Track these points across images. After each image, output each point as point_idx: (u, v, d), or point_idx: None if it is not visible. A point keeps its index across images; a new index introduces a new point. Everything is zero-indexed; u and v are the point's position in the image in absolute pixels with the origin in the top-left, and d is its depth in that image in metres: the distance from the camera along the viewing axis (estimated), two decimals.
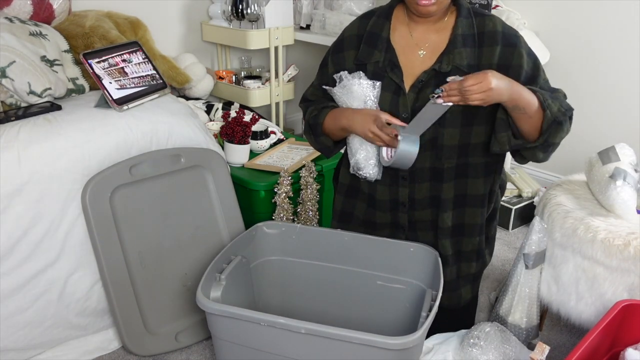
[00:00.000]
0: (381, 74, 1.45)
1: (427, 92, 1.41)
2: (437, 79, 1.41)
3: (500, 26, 1.42)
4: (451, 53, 1.40)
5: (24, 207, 1.50)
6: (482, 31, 1.42)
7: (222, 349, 1.43)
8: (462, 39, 1.41)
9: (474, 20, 1.42)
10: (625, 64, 2.31)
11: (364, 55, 1.47)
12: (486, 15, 1.43)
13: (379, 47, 1.46)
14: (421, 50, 1.45)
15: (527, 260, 1.60)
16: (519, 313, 1.65)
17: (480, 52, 1.41)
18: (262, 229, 1.67)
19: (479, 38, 1.42)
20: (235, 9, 2.58)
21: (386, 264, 1.60)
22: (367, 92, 1.44)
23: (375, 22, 1.48)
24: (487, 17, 1.43)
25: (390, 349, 1.23)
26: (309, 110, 1.58)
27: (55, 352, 1.63)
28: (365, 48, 1.47)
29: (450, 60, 1.40)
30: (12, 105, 1.69)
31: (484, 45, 1.41)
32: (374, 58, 1.45)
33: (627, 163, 1.60)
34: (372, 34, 1.47)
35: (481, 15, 1.43)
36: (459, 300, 1.63)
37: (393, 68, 1.44)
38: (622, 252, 1.44)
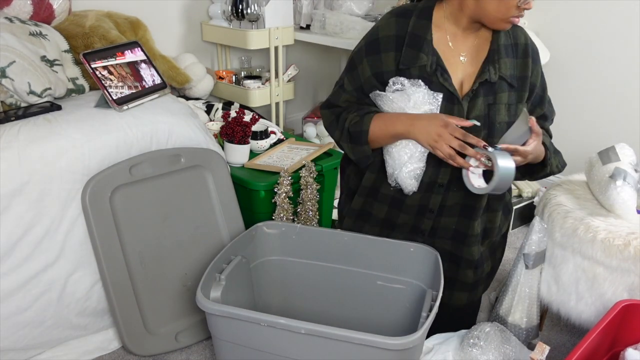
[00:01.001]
0: (428, 79, 1.38)
1: (479, 100, 1.39)
2: (484, 88, 1.40)
3: (528, 39, 1.46)
4: (497, 62, 1.40)
5: (24, 207, 1.50)
6: (516, 42, 1.44)
7: (222, 349, 1.43)
8: (504, 49, 1.41)
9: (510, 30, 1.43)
10: (625, 64, 2.31)
11: (408, 58, 1.38)
12: (516, 26, 1.43)
13: (425, 49, 1.38)
14: (462, 55, 1.41)
15: (527, 260, 1.60)
16: (519, 313, 1.65)
17: (518, 63, 1.44)
18: (262, 229, 1.67)
19: (515, 49, 1.44)
20: (235, 9, 2.58)
21: (386, 264, 1.60)
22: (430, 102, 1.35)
23: (416, 22, 1.40)
24: (517, 27, 1.45)
25: (391, 349, 1.23)
26: (347, 118, 1.44)
27: (55, 352, 1.63)
28: (409, 51, 1.38)
29: (496, 70, 1.40)
30: (12, 105, 1.69)
31: (518, 57, 1.44)
32: (420, 61, 1.37)
33: (627, 163, 1.60)
34: (416, 36, 1.39)
35: (513, 25, 1.41)
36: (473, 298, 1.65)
37: (443, 73, 1.38)
38: (622, 252, 1.44)
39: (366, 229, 1.61)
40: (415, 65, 1.38)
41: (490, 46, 1.42)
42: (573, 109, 2.51)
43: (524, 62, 1.44)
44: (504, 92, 1.42)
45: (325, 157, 2.13)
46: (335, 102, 1.51)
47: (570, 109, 2.52)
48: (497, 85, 1.40)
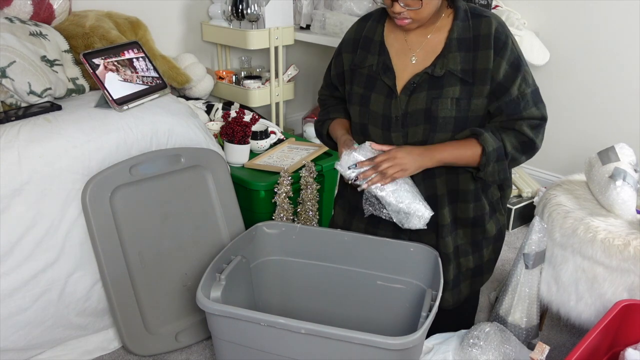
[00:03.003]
0: (375, 77, 1.48)
1: (420, 94, 1.42)
2: (431, 82, 1.42)
3: (493, 28, 1.40)
4: (445, 57, 1.41)
5: (24, 207, 1.50)
6: (477, 34, 1.41)
7: (222, 349, 1.43)
8: (457, 42, 1.40)
9: (471, 22, 1.42)
10: (625, 64, 2.31)
11: (359, 59, 1.52)
12: (483, 17, 1.42)
13: (372, 51, 1.49)
14: (413, 55, 1.46)
15: (527, 260, 1.60)
16: (519, 313, 1.65)
17: (476, 56, 1.40)
18: (262, 229, 1.67)
19: (474, 41, 1.41)
20: (235, 9, 2.58)
21: (386, 264, 1.60)
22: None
23: (370, 26, 1.52)
24: (483, 18, 1.42)
25: (391, 349, 1.23)
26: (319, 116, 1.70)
27: (55, 352, 1.64)
28: (360, 52, 1.52)
29: (444, 65, 1.40)
30: (12, 105, 1.69)
31: (479, 49, 1.40)
32: (368, 62, 1.49)
33: (627, 163, 1.60)
34: (367, 38, 1.52)
35: (478, 17, 1.42)
36: (459, 297, 1.63)
37: (386, 71, 1.46)
38: (622, 252, 1.44)
39: (354, 225, 1.64)
40: (364, 65, 1.50)
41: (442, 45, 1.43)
42: (573, 109, 2.51)
43: (485, 53, 1.39)
44: (452, 87, 1.41)
45: (325, 157, 2.13)
46: (319, 94, 1.75)
47: (570, 109, 2.52)
48: (445, 79, 1.40)
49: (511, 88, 1.40)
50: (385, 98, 1.46)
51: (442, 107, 1.41)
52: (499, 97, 1.42)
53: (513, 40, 1.43)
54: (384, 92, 1.47)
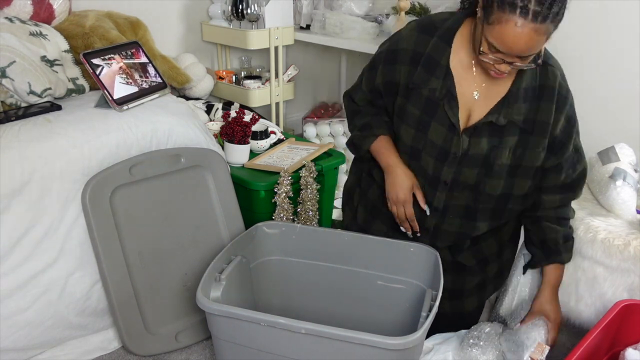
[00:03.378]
0: (436, 102, 1.38)
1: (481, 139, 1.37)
2: (492, 129, 1.37)
3: (557, 82, 1.35)
4: (510, 107, 1.34)
5: (24, 207, 1.50)
6: (543, 84, 1.34)
7: (222, 349, 1.43)
8: (523, 92, 1.34)
9: (538, 69, 1.34)
10: (625, 64, 2.31)
11: (420, 79, 1.39)
12: (549, 66, 1.35)
13: (437, 74, 1.37)
14: (476, 91, 1.37)
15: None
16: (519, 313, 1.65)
17: (539, 106, 1.34)
18: (262, 229, 1.67)
19: (540, 91, 1.34)
20: (235, 9, 2.58)
21: (386, 264, 1.60)
22: None
23: (435, 44, 1.37)
24: (549, 67, 1.35)
25: (391, 349, 1.23)
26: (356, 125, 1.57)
27: (55, 352, 1.63)
28: (421, 72, 1.38)
29: (508, 114, 1.34)
30: (12, 105, 1.69)
31: (542, 100, 1.34)
32: (431, 84, 1.37)
33: (627, 163, 1.60)
34: (431, 58, 1.37)
35: (544, 65, 1.34)
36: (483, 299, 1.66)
37: (450, 100, 1.37)
38: (622, 252, 1.44)
39: (376, 226, 1.62)
40: (426, 87, 1.38)
41: (510, 86, 1.35)
42: None
43: (547, 106, 1.34)
44: (512, 136, 1.37)
45: (325, 157, 2.13)
46: (354, 96, 1.59)
47: None
48: (506, 128, 1.36)
49: (568, 144, 1.39)
50: (446, 131, 1.38)
51: (500, 155, 1.38)
52: (557, 154, 1.39)
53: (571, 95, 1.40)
54: (445, 123, 1.38)
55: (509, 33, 1.17)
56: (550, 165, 1.42)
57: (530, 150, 1.37)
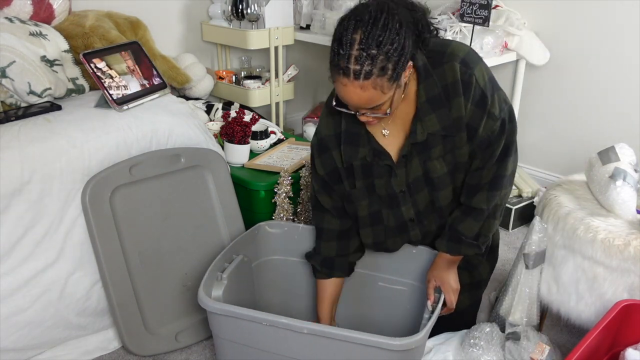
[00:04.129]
0: (370, 164, 1.43)
1: (413, 161, 1.40)
2: (417, 148, 1.39)
3: (458, 73, 1.32)
4: (422, 121, 1.35)
5: (24, 207, 1.50)
6: (445, 84, 1.33)
7: (223, 348, 1.43)
8: (428, 104, 1.34)
9: (434, 75, 1.33)
10: (625, 64, 2.31)
11: (348, 155, 1.43)
12: (444, 64, 1.33)
13: (361, 143, 1.42)
14: (384, 129, 1.41)
15: (527, 260, 1.60)
16: (519, 313, 1.65)
17: (450, 105, 1.34)
18: (265, 229, 1.67)
19: (444, 92, 1.34)
20: (235, 9, 2.58)
21: (388, 265, 1.60)
22: None
23: (347, 120, 1.41)
24: (445, 65, 1.33)
25: (393, 350, 1.23)
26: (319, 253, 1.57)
27: (55, 352, 1.63)
28: (347, 148, 1.43)
29: (424, 129, 1.36)
30: (12, 105, 1.69)
31: (452, 98, 1.34)
32: (360, 154, 1.42)
33: (627, 163, 1.60)
34: (350, 133, 1.42)
35: (440, 65, 1.33)
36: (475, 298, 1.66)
37: (380, 155, 1.42)
38: (622, 252, 1.44)
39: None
40: (357, 158, 1.43)
41: (415, 104, 1.37)
42: (573, 109, 2.51)
43: (457, 101, 1.33)
44: (437, 146, 1.39)
45: None
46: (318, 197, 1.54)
47: (570, 109, 2.52)
48: (428, 142, 1.38)
49: (479, 128, 1.36)
50: (387, 178, 1.43)
51: (434, 169, 1.41)
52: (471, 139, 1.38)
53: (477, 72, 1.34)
54: (383, 173, 1.43)
55: (340, 91, 1.23)
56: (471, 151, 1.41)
57: (457, 150, 1.39)
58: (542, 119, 2.60)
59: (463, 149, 1.39)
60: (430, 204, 1.47)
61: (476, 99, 1.34)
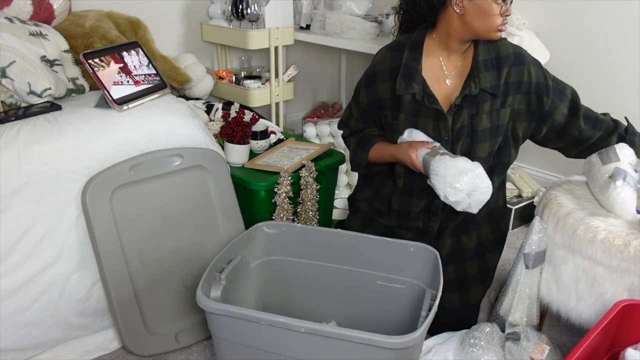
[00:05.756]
0: (419, 104, 1.58)
1: (462, 112, 1.57)
2: (468, 101, 1.57)
3: (511, 48, 1.60)
4: (477, 77, 1.56)
5: (24, 207, 1.50)
6: (497, 55, 1.59)
7: (222, 348, 1.43)
8: (483, 64, 1.57)
9: (490, 45, 1.59)
10: (625, 64, 2.31)
11: (402, 86, 1.58)
12: (497, 40, 1.59)
13: (416, 79, 1.57)
14: (447, 79, 1.61)
15: (527, 260, 1.60)
16: (519, 313, 1.65)
17: (499, 73, 1.58)
18: (262, 229, 1.67)
19: (496, 61, 1.58)
20: (235, 9, 2.58)
21: (386, 263, 1.60)
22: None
23: (409, 56, 1.59)
24: (499, 42, 1.60)
25: (390, 348, 1.23)
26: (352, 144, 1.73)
27: (55, 352, 1.64)
28: (402, 81, 1.58)
29: (476, 84, 1.56)
30: (12, 105, 1.69)
31: (501, 67, 1.58)
32: (412, 89, 1.57)
33: (627, 163, 1.60)
34: (409, 67, 1.58)
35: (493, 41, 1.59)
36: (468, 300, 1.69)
37: (429, 98, 1.57)
38: (622, 252, 1.44)
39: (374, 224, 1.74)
40: (408, 92, 1.58)
41: (471, 64, 1.59)
42: None
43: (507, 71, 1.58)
44: (486, 102, 1.58)
45: (325, 157, 2.13)
46: (348, 122, 1.77)
47: None
48: (479, 97, 1.57)
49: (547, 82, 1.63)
50: (433, 121, 1.58)
51: (480, 122, 1.57)
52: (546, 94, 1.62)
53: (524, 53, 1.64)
54: (431, 115, 1.58)
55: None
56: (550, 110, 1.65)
57: (501, 109, 1.59)
58: None
59: (504, 110, 1.59)
60: (466, 154, 1.57)
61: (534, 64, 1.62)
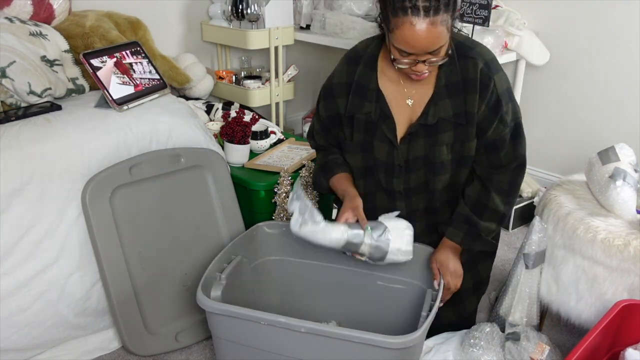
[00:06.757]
0: (374, 123, 1.46)
1: (418, 142, 1.45)
2: (426, 130, 1.43)
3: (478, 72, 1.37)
4: (437, 104, 1.40)
5: (24, 207, 1.50)
6: (465, 77, 1.38)
7: (222, 348, 1.43)
8: (445, 89, 1.39)
9: (457, 64, 1.38)
10: (625, 64, 2.31)
11: (354, 106, 1.47)
12: (469, 58, 1.38)
13: (369, 98, 1.45)
14: (409, 99, 1.44)
15: (527, 260, 1.60)
16: (519, 313, 1.65)
17: (466, 99, 1.39)
18: (263, 229, 1.67)
19: (463, 84, 1.38)
20: (235, 9, 2.58)
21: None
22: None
23: (362, 72, 1.45)
24: (470, 60, 1.38)
25: (391, 348, 1.23)
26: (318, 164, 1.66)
27: (55, 352, 1.64)
28: (353, 99, 1.46)
29: (436, 113, 1.40)
30: (12, 105, 1.69)
31: (468, 93, 1.39)
32: (365, 109, 1.45)
33: (627, 163, 1.60)
34: (360, 85, 1.45)
35: (465, 58, 1.38)
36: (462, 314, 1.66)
37: (385, 119, 1.45)
38: (622, 252, 1.44)
39: None
40: (361, 112, 1.46)
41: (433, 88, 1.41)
42: (573, 109, 2.51)
43: (472, 97, 1.38)
44: (446, 132, 1.42)
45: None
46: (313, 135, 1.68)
47: (570, 109, 2.52)
48: (439, 125, 1.41)
49: (488, 130, 1.42)
50: (387, 147, 1.47)
51: (439, 153, 1.44)
52: (479, 138, 1.44)
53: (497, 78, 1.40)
54: (385, 140, 1.47)
55: (408, 34, 1.23)
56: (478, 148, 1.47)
57: (467, 142, 1.44)
58: (542, 119, 2.60)
59: (472, 143, 1.44)
60: (424, 185, 1.51)
61: (491, 103, 1.39)
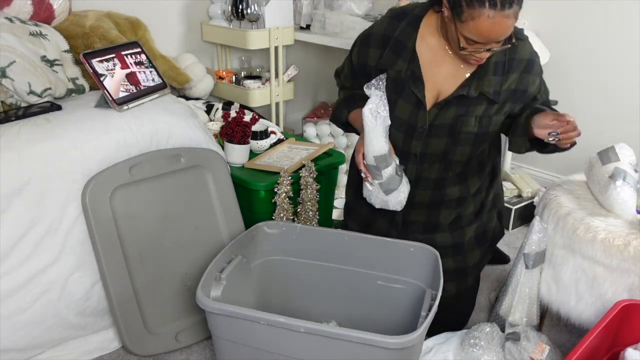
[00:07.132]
0: (402, 83, 1.47)
1: (450, 110, 1.44)
2: (460, 101, 1.44)
3: (528, 54, 1.45)
4: (481, 79, 1.43)
5: (24, 207, 1.50)
6: (512, 57, 1.43)
7: (222, 348, 1.43)
8: (493, 66, 1.43)
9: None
10: (625, 64, 2.31)
11: (387, 61, 1.48)
12: (519, 40, 1.42)
13: (403, 56, 1.46)
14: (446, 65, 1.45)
15: (527, 260, 1.60)
16: (519, 313, 1.65)
17: (506, 78, 1.44)
18: (263, 229, 1.67)
19: (508, 64, 1.43)
20: (235, 9, 2.58)
21: (386, 263, 1.60)
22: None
23: (403, 29, 1.47)
24: (519, 42, 1.43)
25: (390, 348, 1.23)
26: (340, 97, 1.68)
27: (55, 352, 1.64)
28: (389, 54, 1.48)
29: (478, 87, 1.43)
30: (12, 105, 1.69)
31: (510, 72, 1.44)
32: (397, 66, 1.46)
33: (627, 163, 1.60)
34: (398, 42, 1.47)
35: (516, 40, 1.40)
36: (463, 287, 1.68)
37: (415, 80, 1.45)
38: (622, 252, 1.44)
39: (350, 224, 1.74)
40: (392, 68, 1.47)
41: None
42: (573, 109, 2.49)
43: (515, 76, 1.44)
44: (479, 105, 1.45)
45: (325, 157, 2.13)
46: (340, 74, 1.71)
47: (570, 109, 2.50)
48: (475, 99, 1.44)
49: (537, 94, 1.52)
50: (412, 107, 1.47)
51: (466, 124, 1.47)
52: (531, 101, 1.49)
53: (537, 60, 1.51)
54: (411, 101, 1.47)
55: (483, 26, 1.27)
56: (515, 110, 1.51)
57: (495, 116, 1.48)
58: None
59: (499, 117, 1.48)
60: (442, 154, 1.51)
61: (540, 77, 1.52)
